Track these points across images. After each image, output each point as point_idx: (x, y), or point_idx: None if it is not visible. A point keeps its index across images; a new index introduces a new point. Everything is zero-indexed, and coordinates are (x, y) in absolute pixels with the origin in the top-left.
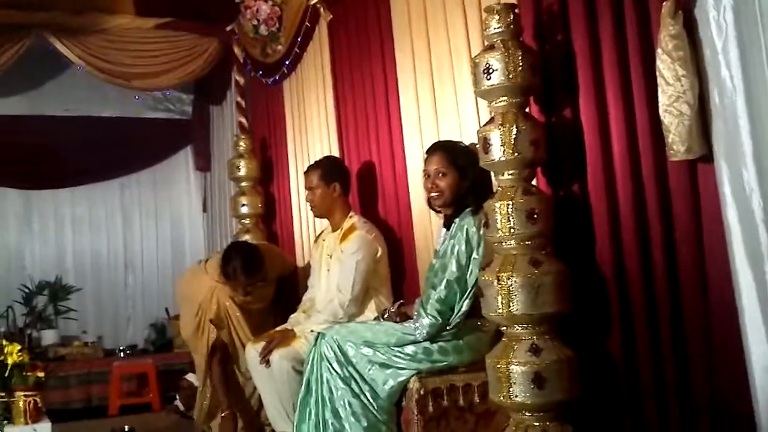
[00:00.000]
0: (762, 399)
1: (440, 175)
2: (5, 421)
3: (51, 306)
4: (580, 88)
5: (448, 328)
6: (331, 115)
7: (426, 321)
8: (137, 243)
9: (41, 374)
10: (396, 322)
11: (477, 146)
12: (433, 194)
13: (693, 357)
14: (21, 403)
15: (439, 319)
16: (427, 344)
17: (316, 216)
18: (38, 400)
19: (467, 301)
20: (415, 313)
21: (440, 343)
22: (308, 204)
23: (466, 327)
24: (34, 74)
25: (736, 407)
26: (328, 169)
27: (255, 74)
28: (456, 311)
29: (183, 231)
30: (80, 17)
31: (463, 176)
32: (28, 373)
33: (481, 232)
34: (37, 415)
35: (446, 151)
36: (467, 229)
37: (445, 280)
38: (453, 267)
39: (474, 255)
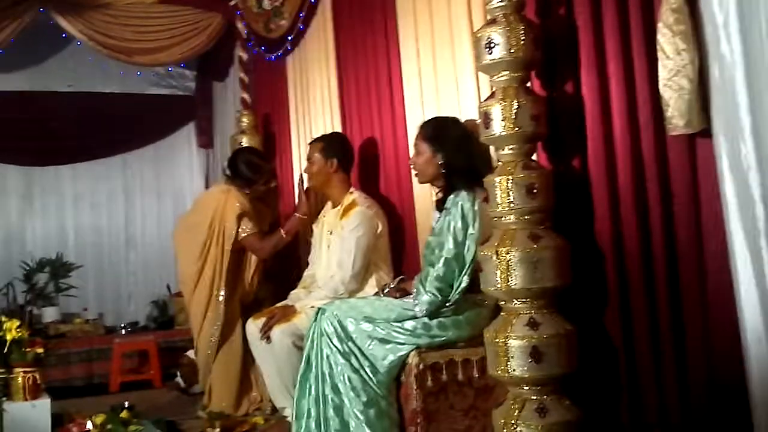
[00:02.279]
0: (756, 372)
1: (416, 152)
2: (4, 398)
3: (52, 283)
4: (582, 63)
5: (447, 304)
6: (334, 91)
7: (425, 298)
8: (139, 220)
9: (40, 350)
10: (396, 297)
11: (477, 121)
12: (414, 172)
13: (690, 330)
14: (20, 380)
15: (439, 296)
16: (426, 319)
17: (314, 189)
18: (37, 376)
19: (466, 277)
20: (414, 289)
21: (440, 319)
22: (305, 174)
23: (465, 302)
24: (36, 50)
25: (731, 379)
26: (328, 144)
27: (258, 50)
28: (455, 288)
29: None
30: None
31: (435, 150)
32: (27, 350)
33: (476, 207)
34: (36, 391)
35: (421, 127)
36: (462, 204)
37: (443, 258)
38: (450, 244)
39: (470, 230)
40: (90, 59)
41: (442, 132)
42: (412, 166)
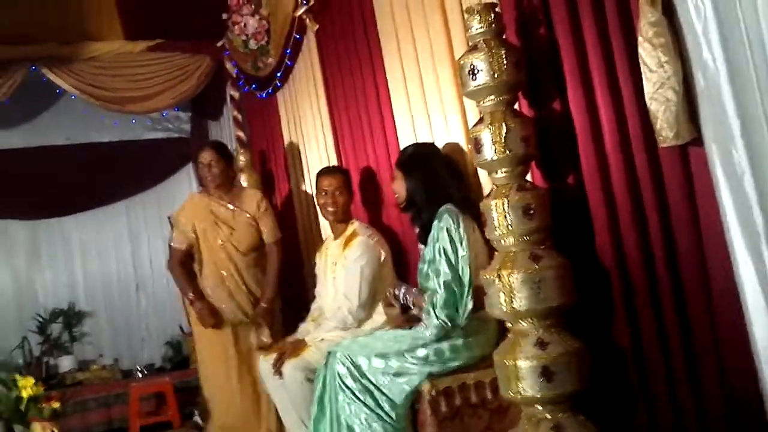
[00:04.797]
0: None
1: (394, 182)
2: None
3: (66, 332)
4: (567, 81)
5: (456, 328)
6: (326, 124)
7: (436, 322)
8: (146, 263)
9: (57, 404)
10: (405, 327)
11: (459, 144)
12: (396, 198)
13: (698, 340)
14: None
15: (449, 323)
16: (438, 345)
17: (333, 220)
18: (55, 430)
19: (469, 299)
20: (424, 314)
21: (451, 342)
22: (327, 207)
23: (473, 322)
24: (31, 106)
25: (745, 385)
26: (349, 178)
27: (249, 88)
28: (461, 312)
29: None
30: (71, 46)
31: (408, 178)
32: (44, 405)
33: (461, 229)
34: None
35: (399, 156)
36: (447, 228)
37: (442, 284)
38: (446, 269)
39: (461, 253)
40: (85, 111)
41: (412, 159)
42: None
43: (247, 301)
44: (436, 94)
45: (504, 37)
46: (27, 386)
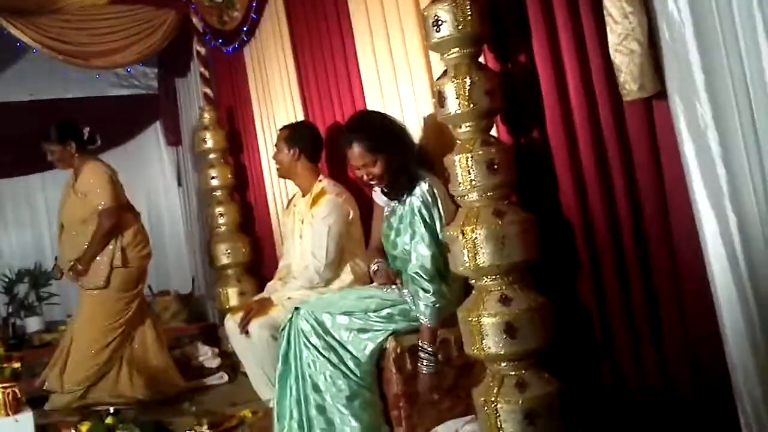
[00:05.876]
0: (729, 329)
1: (369, 165)
2: None
3: (33, 293)
4: (533, 33)
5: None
6: (293, 80)
7: (431, 309)
8: None
9: (17, 365)
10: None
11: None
12: (372, 182)
13: (662, 293)
14: (0, 396)
15: (443, 300)
16: (405, 306)
17: (279, 176)
18: (17, 390)
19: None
20: (409, 296)
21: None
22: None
23: None
24: None
25: (706, 338)
26: (293, 132)
27: (215, 43)
28: (449, 282)
29: (160, 206)
30: None
31: (388, 158)
32: (4, 365)
33: (439, 202)
34: (17, 405)
35: (363, 140)
36: (426, 204)
37: (428, 264)
38: (426, 242)
39: (438, 227)
40: (48, 67)
41: (383, 137)
42: (366, 178)
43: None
44: (402, 48)
45: None
46: None
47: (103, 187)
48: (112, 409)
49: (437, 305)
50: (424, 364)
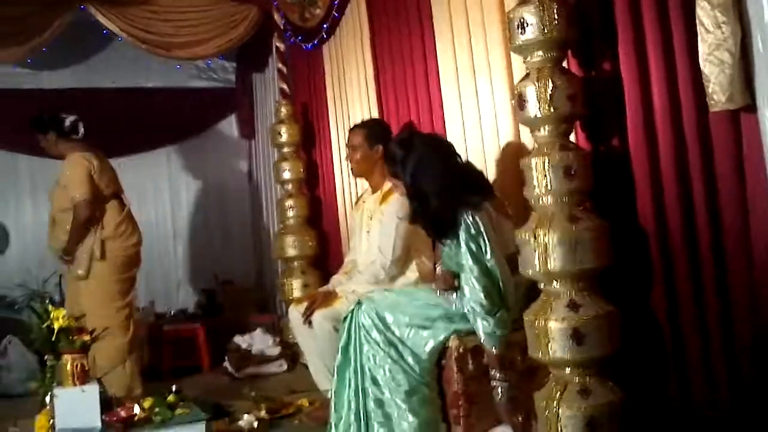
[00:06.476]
0: None
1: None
2: (54, 383)
3: None
4: (620, 40)
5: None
6: (370, 78)
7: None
8: (184, 211)
9: (87, 338)
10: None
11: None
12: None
13: (738, 309)
14: (68, 366)
15: (504, 327)
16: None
17: (354, 175)
18: (85, 363)
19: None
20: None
21: None
22: (348, 162)
23: None
24: (80, 48)
25: None
26: (373, 131)
27: (295, 39)
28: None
29: (229, 197)
30: None
31: (411, 190)
32: (75, 337)
33: (483, 235)
34: (84, 377)
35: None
36: (467, 242)
37: (482, 290)
38: (476, 275)
39: (487, 259)
40: (130, 55)
41: (400, 163)
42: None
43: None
44: (483, 51)
45: None
46: (59, 317)
47: (79, 179)
48: (174, 388)
49: (498, 333)
50: (500, 391)
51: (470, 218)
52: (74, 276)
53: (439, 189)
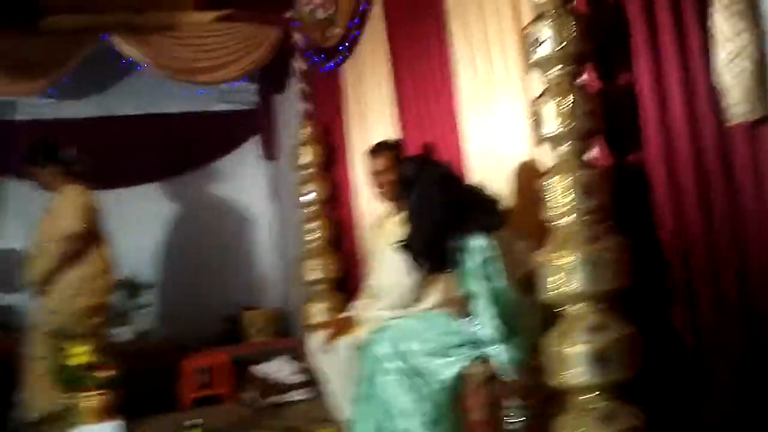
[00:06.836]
0: None
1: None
2: (74, 422)
3: (127, 303)
4: (636, 53)
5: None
6: (390, 97)
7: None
8: (208, 237)
9: (112, 373)
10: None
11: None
12: None
13: (762, 326)
14: (92, 403)
15: (522, 353)
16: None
17: (389, 199)
18: (109, 398)
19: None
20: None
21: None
22: (377, 188)
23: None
24: (99, 75)
25: None
26: (400, 152)
27: (316, 59)
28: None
29: (254, 220)
30: (142, 16)
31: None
32: (99, 373)
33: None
34: (109, 413)
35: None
36: (474, 269)
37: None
38: (491, 302)
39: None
40: (151, 81)
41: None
42: None
43: None
44: (503, 70)
45: (571, 5)
46: (79, 354)
47: (75, 212)
48: (199, 421)
49: (513, 360)
50: (516, 420)
51: (486, 242)
52: (47, 310)
53: (438, 222)
